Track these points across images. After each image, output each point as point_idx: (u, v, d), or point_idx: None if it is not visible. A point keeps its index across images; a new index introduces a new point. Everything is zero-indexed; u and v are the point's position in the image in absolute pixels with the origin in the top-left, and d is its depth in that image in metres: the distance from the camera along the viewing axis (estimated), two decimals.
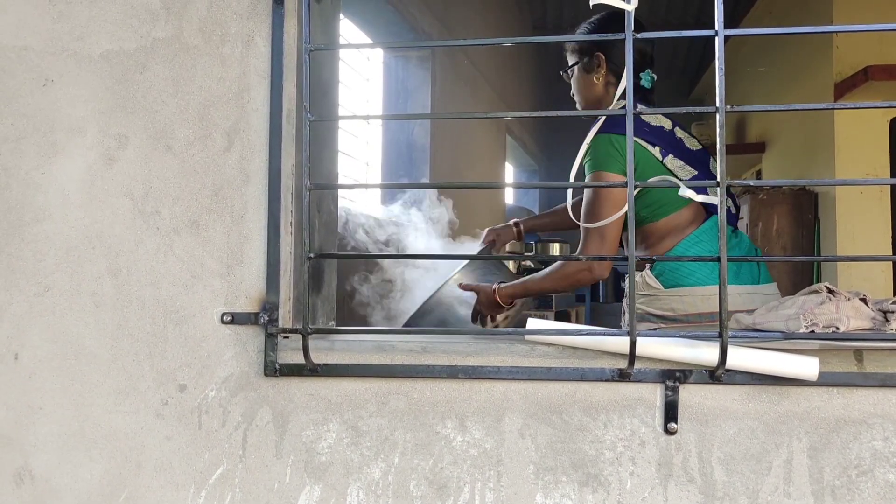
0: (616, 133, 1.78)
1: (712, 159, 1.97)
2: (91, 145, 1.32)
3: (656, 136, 1.83)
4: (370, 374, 1.23)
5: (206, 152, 1.30)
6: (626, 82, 1.14)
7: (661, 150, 1.82)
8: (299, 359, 1.22)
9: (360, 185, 1.28)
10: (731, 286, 1.84)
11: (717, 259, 1.09)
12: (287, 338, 1.27)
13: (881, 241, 4.40)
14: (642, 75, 1.92)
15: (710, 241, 1.84)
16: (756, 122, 6.42)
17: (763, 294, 1.82)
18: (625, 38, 1.10)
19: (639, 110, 1.12)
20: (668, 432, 1.17)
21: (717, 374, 1.15)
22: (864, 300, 1.24)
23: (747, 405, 1.16)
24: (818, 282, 4.70)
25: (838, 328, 1.17)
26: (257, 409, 1.25)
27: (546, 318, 2.17)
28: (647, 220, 1.88)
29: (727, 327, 1.08)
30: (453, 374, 1.22)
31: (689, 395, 1.17)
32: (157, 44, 1.32)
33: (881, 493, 1.13)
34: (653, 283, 1.87)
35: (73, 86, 1.33)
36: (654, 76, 1.93)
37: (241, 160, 1.29)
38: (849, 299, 1.23)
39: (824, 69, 4.54)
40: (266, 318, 1.25)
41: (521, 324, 2.10)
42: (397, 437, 1.22)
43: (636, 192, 1.83)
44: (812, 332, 1.16)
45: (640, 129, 1.81)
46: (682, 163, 1.84)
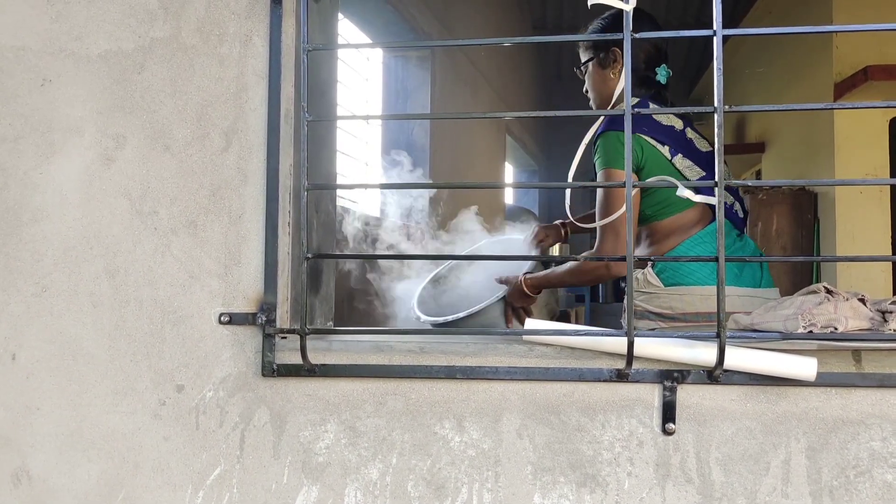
0: (624, 130, 1.78)
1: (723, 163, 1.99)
2: (89, 145, 1.32)
3: (666, 136, 1.85)
4: (368, 375, 1.23)
5: (204, 152, 1.29)
6: (624, 82, 1.14)
7: (670, 150, 1.83)
8: (297, 359, 1.22)
9: (359, 185, 1.28)
10: (732, 288, 1.85)
11: (715, 259, 1.09)
12: (285, 338, 1.26)
13: (881, 240, 4.40)
14: (658, 70, 1.94)
15: (713, 242, 1.84)
16: (756, 122, 6.42)
17: (764, 298, 1.82)
18: (628, 38, 1.11)
19: (636, 110, 1.12)
20: (665, 433, 1.17)
21: (714, 375, 1.15)
22: (862, 300, 1.24)
23: (745, 405, 1.16)
24: (818, 282, 4.70)
25: (836, 328, 1.17)
26: (255, 409, 1.25)
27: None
28: (652, 219, 1.89)
29: (725, 327, 1.08)
30: (451, 374, 1.21)
31: (686, 395, 1.17)
32: (155, 44, 1.32)
33: (879, 494, 1.13)
34: (653, 280, 1.88)
35: (71, 86, 1.33)
36: (670, 71, 1.95)
37: (239, 160, 1.29)
38: (847, 299, 1.23)
39: (824, 69, 4.54)
40: (264, 319, 1.25)
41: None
42: (395, 438, 1.22)
43: (641, 190, 1.84)
44: (810, 332, 1.15)
45: (650, 128, 1.83)
46: (690, 163, 1.85)
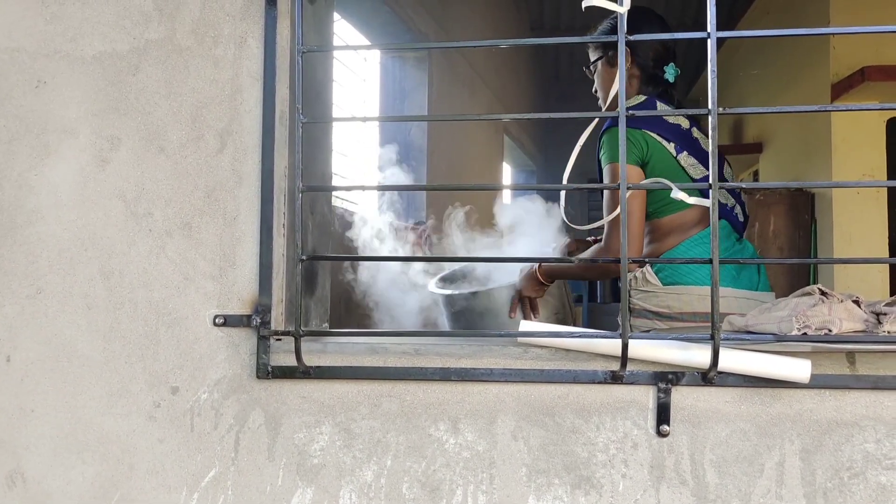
0: (629, 126, 1.81)
1: (726, 164, 2.01)
2: (84, 147, 1.32)
3: (672, 133, 1.87)
4: (363, 377, 1.23)
5: (199, 154, 1.29)
6: (618, 84, 1.15)
7: (675, 147, 1.85)
8: (292, 361, 1.22)
9: (354, 186, 1.28)
10: (730, 289, 1.85)
11: (709, 261, 1.09)
12: (279, 340, 1.26)
13: (878, 241, 4.40)
14: (666, 69, 1.98)
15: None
16: (753, 122, 6.43)
17: (760, 301, 1.83)
18: (631, 40, 1.11)
19: (630, 112, 1.12)
20: (660, 434, 1.17)
21: (709, 377, 1.15)
22: (856, 302, 1.24)
23: (739, 407, 1.16)
24: (814, 282, 4.70)
25: (831, 330, 1.17)
26: (250, 411, 1.25)
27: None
28: (653, 216, 1.91)
29: (719, 329, 1.08)
30: (446, 376, 1.21)
31: (681, 397, 1.17)
32: (150, 45, 1.32)
33: (873, 496, 1.13)
34: (652, 279, 1.89)
35: (66, 87, 1.33)
36: (678, 70, 1.97)
37: (234, 162, 1.29)
38: (841, 301, 1.23)
39: (821, 70, 4.54)
40: (258, 321, 1.25)
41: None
42: (390, 440, 1.22)
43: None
44: (804, 334, 1.16)
45: (657, 124, 1.85)
46: (695, 161, 1.87)
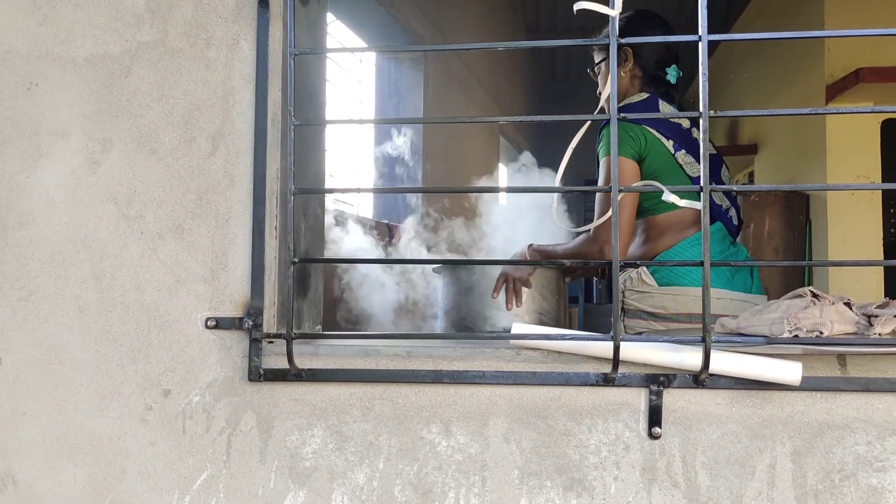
0: (629, 122, 1.82)
1: (724, 166, 2.02)
2: (75, 149, 1.31)
3: (672, 131, 1.89)
4: (355, 379, 1.23)
5: (191, 156, 1.29)
6: (611, 87, 1.15)
7: (674, 144, 1.86)
8: (284, 364, 1.22)
9: (347, 189, 1.28)
10: (725, 291, 1.86)
11: (701, 264, 1.09)
12: (271, 343, 1.26)
13: (872, 242, 4.41)
14: (669, 70, 2.01)
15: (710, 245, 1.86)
16: (749, 124, 6.44)
17: (754, 303, 1.84)
18: (622, 43, 1.11)
19: (622, 115, 1.12)
20: (652, 437, 1.17)
21: (700, 379, 1.15)
22: (848, 304, 1.24)
23: (731, 409, 1.16)
24: (809, 283, 4.70)
25: (822, 332, 1.17)
26: (241, 414, 1.25)
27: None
28: (648, 213, 1.91)
29: (710, 332, 1.08)
30: (438, 378, 1.21)
31: (673, 399, 1.17)
32: (142, 47, 1.31)
33: (864, 498, 1.13)
34: (648, 280, 1.89)
35: (58, 89, 1.33)
36: (681, 72, 1.99)
37: (226, 164, 1.28)
38: (833, 303, 1.23)
39: (816, 71, 4.55)
40: (250, 323, 1.25)
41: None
42: (382, 443, 1.22)
43: (640, 180, 1.87)
44: (795, 336, 1.16)
45: (657, 121, 1.87)
46: (692, 160, 1.88)
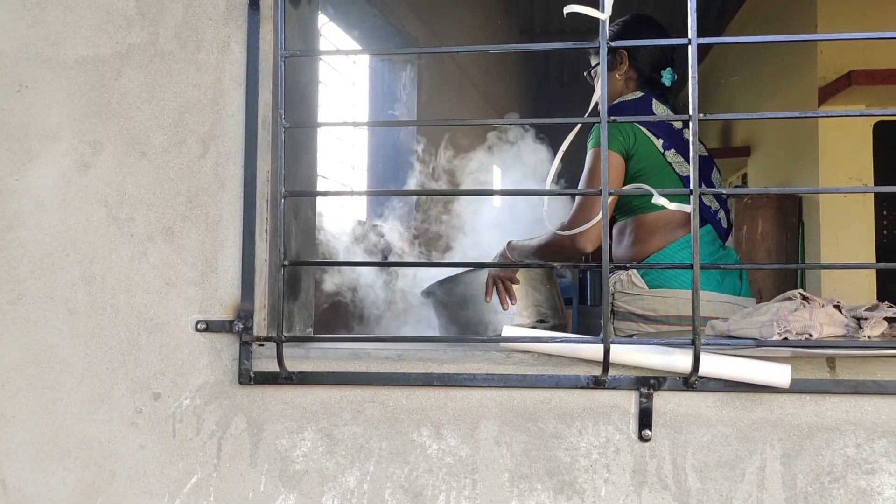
0: (622, 121, 1.84)
1: (715, 169, 2.03)
2: (65, 152, 1.31)
3: (662, 130, 1.90)
4: (345, 382, 1.23)
5: (181, 159, 1.29)
6: (601, 90, 1.15)
7: (663, 143, 1.87)
8: (274, 367, 1.22)
9: (337, 192, 1.28)
10: (715, 294, 1.86)
11: (691, 267, 1.09)
12: (262, 346, 1.26)
13: (865, 243, 4.42)
14: (664, 73, 2.03)
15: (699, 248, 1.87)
16: (742, 126, 6.46)
17: (743, 306, 1.85)
18: (612, 46, 1.11)
19: (612, 118, 1.12)
20: (642, 439, 1.17)
21: (690, 381, 1.15)
22: (837, 307, 1.24)
23: (721, 412, 1.16)
24: (802, 285, 4.71)
25: (811, 335, 1.17)
26: (232, 417, 1.25)
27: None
28: (638, 211, 1.92)
29: (700, 334, 1.09)
30: (429, 381, 1.21)
31: (663, 401, 1.17)
32: (133, 50, 1.31)
33: (853, 500, 1.13)
34: (638, 282, 1.89)
35: (48, 92, 1.32)
36: (675, 75, 2.00)
37: (217, 167, 1.28)
38: (823, 306, 1.24)
39: (809, 74, 4.57)
40: (241, 326, 1.24)
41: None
42: (372, 446, 1.22)
43: (626, 170, 1.87)
44: (785, 339, 1.16)
45: (647, 121, 1.88)
46: (682, 159, 1.89)
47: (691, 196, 1.08)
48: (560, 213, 2.00)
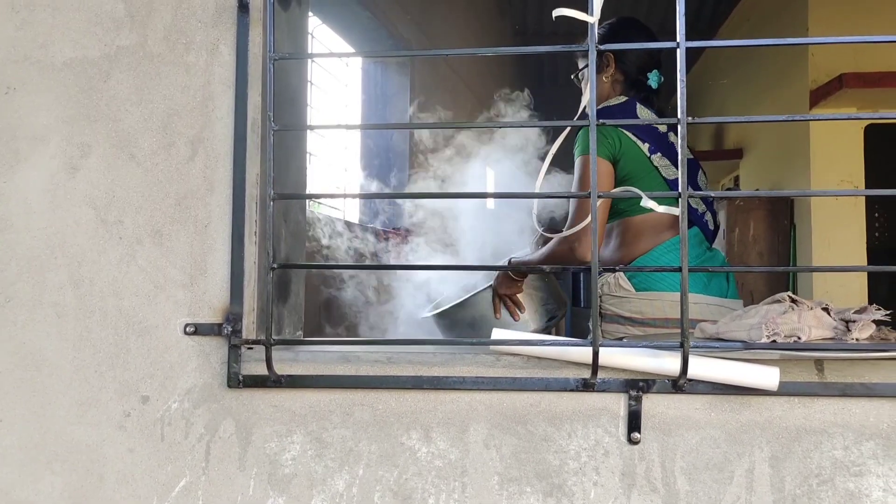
0: (608, 125, 1.84)
1: (701, 171, 2.03)
2: (54, 154, 1.31)
3: (647, 134, 1.89)
4: (335, 386, 1.23)
5: (170, 161, 1.29)
6: (590, 93, 1.15)
7: (649, 147, 1.87)
8: (263, 370, 1.21)
9: (327, 194, 1.28)
10: (701, 296, 1.87)
11: (679, 270, 1.09)
12: (251, 349, 1.26)
13: (856, 246, 4.44)
14: (650, 75, 2.03)
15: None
16: (734, 128, 6.48)
17: (730, 308, 1.85)
18: (602, 49, 1.12)
19: (601, 121, 1.12)
20: (631, 442, 1.17)
21: (679, 384, 1.15)
22: (826, 310, 1.25)
23: (709, 414, 1.17)
24: (793, 286, 4.70)
25: (800, 338, 1.18)
26: (220, 420, 1.24)
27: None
28: (625, 214, 1.92)
29: (689, 337, 1.09)
30: (418, 384, 1.21)
31: (652, 404, 1.17)
32: (122, 52, 1.31)
33: (841, 502, 1.13)
34: (625, 285, 1.89)
35: (36, 94, 1.32)
36: (662, 77, 2.00)
37: (206, 169, 1.28)
38: (811, 309, 1.24)
39: (800, 77, 4.59)
40: (229, 329, 1.24)
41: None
42: (362, 449, 1.22)
43: (615, 179, 1.87)
44: (773, 341, 1.16)
45: (632, 125, 1.88)
46: (668, 162, 1.89)
47: (679, 200, 1.08)
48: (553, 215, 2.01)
